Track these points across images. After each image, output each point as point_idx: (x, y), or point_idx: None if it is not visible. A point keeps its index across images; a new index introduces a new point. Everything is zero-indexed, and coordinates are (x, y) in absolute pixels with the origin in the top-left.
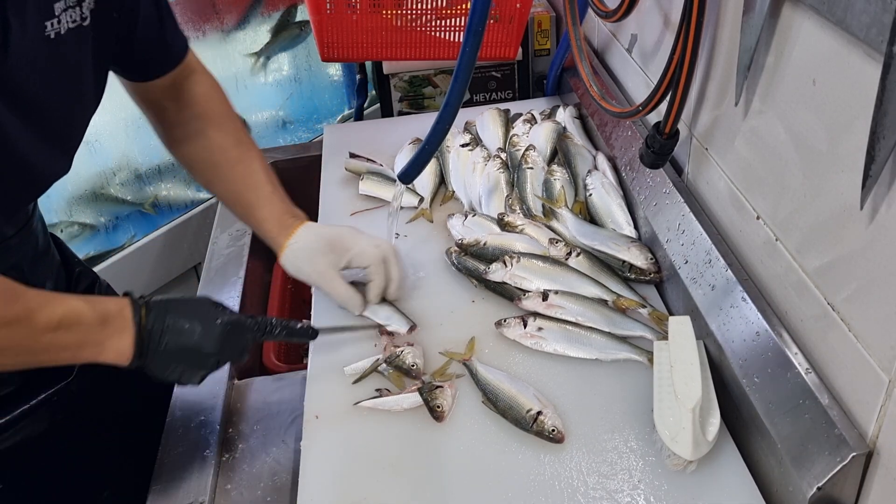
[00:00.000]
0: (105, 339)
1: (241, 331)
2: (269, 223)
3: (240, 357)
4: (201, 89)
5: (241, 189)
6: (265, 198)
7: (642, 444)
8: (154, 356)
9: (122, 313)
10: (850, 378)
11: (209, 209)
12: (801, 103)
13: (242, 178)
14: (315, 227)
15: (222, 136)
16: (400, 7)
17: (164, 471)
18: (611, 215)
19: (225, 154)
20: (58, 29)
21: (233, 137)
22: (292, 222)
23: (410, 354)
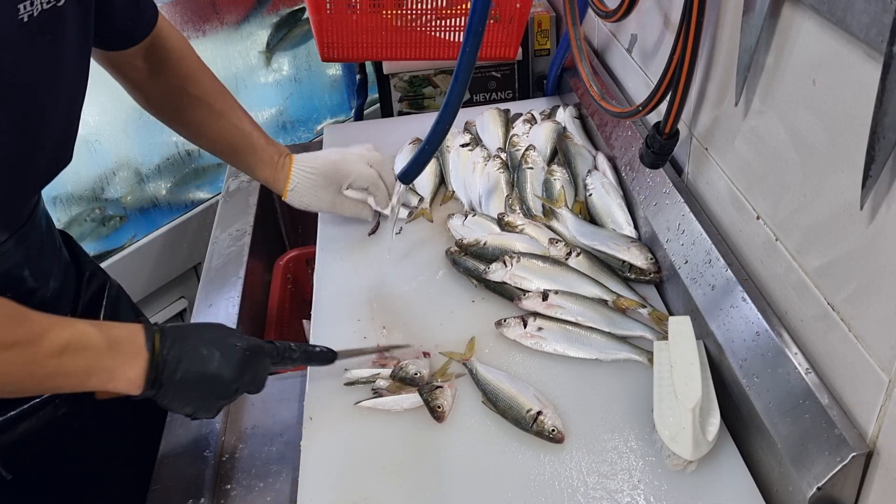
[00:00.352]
0: (116, 367)
1: (260, 356)
2: (262, 168)
3: (257, 386)
4: (174, 45)
5: (230, 139)
6: (255, 143)
7: (642, 444)
8: (169, 385)
9: (134, 338)
10: (850, 378)
11: (209, 209)
12: (801, 103)
13: (229, 130)
14: (306, 162)
15: (201, 91)
16: (400, 7)
17: (164, 471)
18: (611, 215)
19: (208, 108)
20: (31, 11)
21: (211, 91)
22: (282, 162)
23: (413, 366)
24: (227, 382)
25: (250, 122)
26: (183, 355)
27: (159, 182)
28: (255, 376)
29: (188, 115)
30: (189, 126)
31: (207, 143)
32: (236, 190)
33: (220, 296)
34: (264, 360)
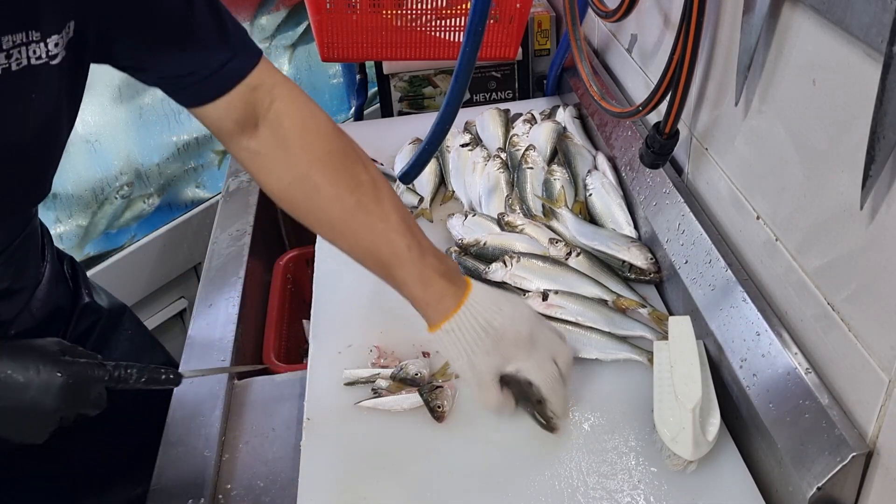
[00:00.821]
0: None
1: (86, 384)
2: (412, 286)
3: (95, 408)
4: (291, 119)
5: (370, 246)
6: (401, 254)
7: (642, 444)
8: None
9: None
10: (850, 378)
11: (209, 209)
12: (801, 103)
13: (368, 231)
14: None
15: (332, 182)
16: (400, 7)
17: (164, 471)
18: (611, 215)
19: (340, 204)
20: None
21: (346, 180)
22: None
23: (413, 366)
24: (48, 413)
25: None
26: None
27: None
28: (85, 402)
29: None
30: (317, 226)
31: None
32: (236, 190)
33: (220, 296)
34: (93, 387)
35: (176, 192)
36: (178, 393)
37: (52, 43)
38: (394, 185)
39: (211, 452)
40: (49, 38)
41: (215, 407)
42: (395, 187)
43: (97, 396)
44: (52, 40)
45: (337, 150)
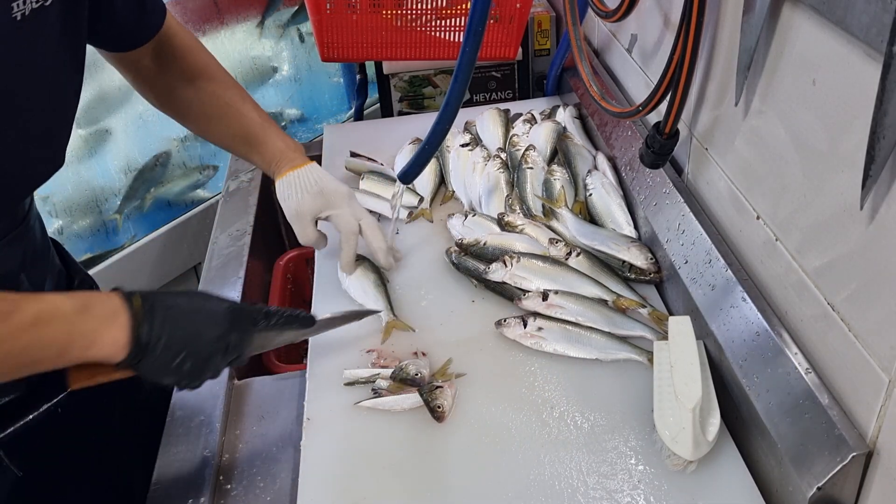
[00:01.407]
0: (93, 330)
1: (243, 313)
2: (273, 151)
3: (243, 348)
4: (179, 42)
5: (245, 126)
6: (272, 132)
7: (642, 444)
8: (157, 343)
9: (110, 300)
10: (850, 378)
11: (209, 209)
12: (801, 103)
13: (243, 117)
14: (318, 172)
15: (213, 85)
16: (400, 7)
17: (164, 471)
18: (611, 215)
19: (216, 100)
20: (23, 10)
21: (221, 83)
22: (296, 157)
23: (413, 366)
24: (217, 337)
25: (263, 113)
26: (168, 310)
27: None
28: (241, 334)
29: (197, 109)
30: (198, 120)
31: (219, 132)
32: (236, 190)
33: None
34: (248, 318)
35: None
36: (179, 393)
37: None
38: (394, 185)
39: (211, 452)
40: None
41: (215, 407)
42: (395, 187)
43: (249, 333)
44: None
45: (212, 61)
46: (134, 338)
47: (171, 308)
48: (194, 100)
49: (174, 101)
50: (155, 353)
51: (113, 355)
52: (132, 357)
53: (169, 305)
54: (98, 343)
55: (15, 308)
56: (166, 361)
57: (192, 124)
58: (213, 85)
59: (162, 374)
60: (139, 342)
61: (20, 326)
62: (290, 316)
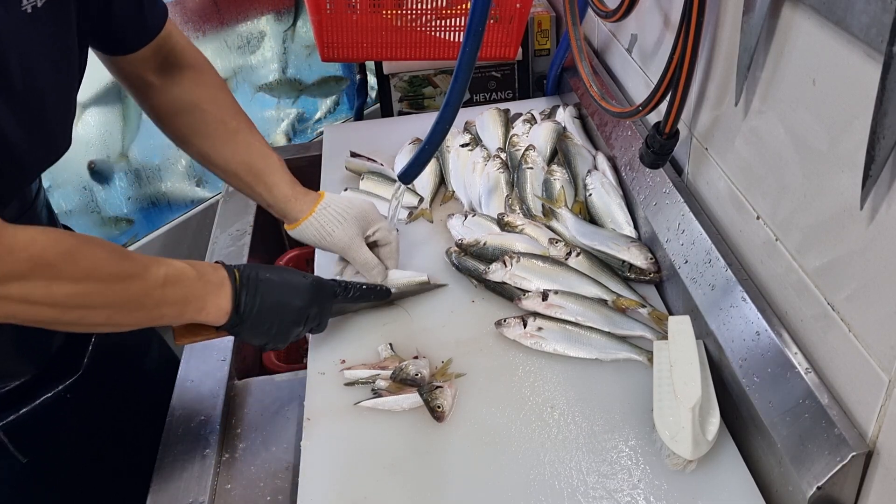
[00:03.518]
0: (206, 295)
1: (324, 288)
2: (280, 188)
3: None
4: (188, 61)
5: (246, 159)
6: (273, 165)
7: (642, 444)
8: (250, 312)
9: (218, 272)
10: (850, 378)
11: (209, 209)
12: (801, 103)
13: (246, 148)
14: (342, 196)
15: (217, 110)
16: (400, 7)
17: (164, 471)
18: (611, 215)
19: (223, 126)
20: (34, 2)
21: (229, 110)
22: (305, 192)
23: (413, 366)
24: (300, 308)
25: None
26: (260, 283)
27: (159, 182)
28: (321, 307)
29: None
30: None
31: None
32: (236, 190)
33: None
34: (328, 291)
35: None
36: (179, 393)
37: None
38: (394, 185)
39: (211, 452)
40: None
41: (215, 407)
42: (395, 187)
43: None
44: None
45: (221, 87)
46: (234, 306)
47: (263, 281)
48: (196, 122)
49: (174, 122)
50: (249, 319)
51: (217, 319)
52: (231, 322)
53: (261, 279)
54: (207, 308)
55: (147, 267)
56: (257, 326)
57: (193, 149)
58: (217, 108)
59: (253, 336)
60: (238, 311)
61: (154, 284)
62: (366, 289)
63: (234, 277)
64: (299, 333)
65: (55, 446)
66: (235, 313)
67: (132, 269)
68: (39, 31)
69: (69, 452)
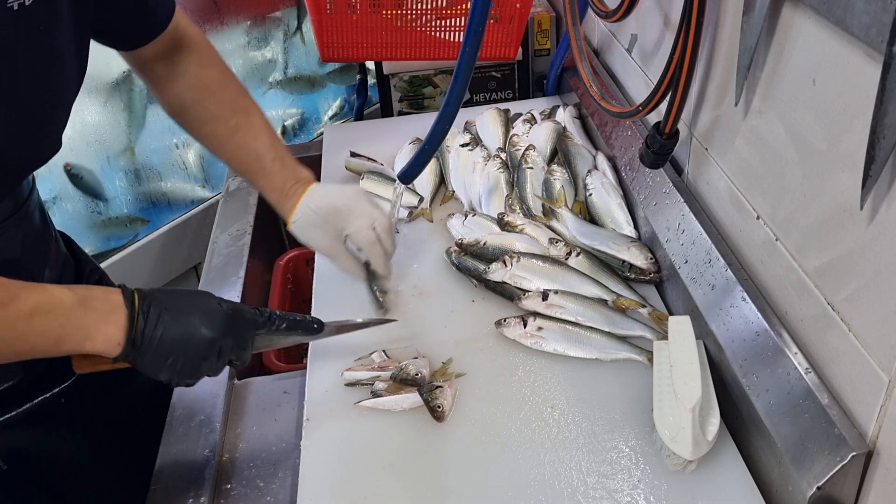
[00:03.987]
0: (90, 325)
1: (242, 318)
2: (273, 194)
3: (241, 353)
4: (193, 55)
5: (243, 160)
6: (266, 167)
7: (642, 444)
8: (149, 344)
9: (109, 297)
10: (850, 378)
11: (209, 209)
12: (801, 103)
13: (243, 149)
14: (313, 199)
15: (218, 106)
16: (400, 7)
17: (164, 471)
18: (611, 215)
19: (224, 125)
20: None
21: (229, 105)
22: (295, 190)
23: (413, 366)
24: (210, 340)
25: (268, 142)
26: (163, 311)
27: (159, 182)
28: (238, 339)
29: (205, 128)
30: (207, 139)
31: (224, 159)
32: (236, 190)
33: (221, 296)
34: (247, 322)
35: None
36: (179, 393)
37: None
38: (394, 185)
39: (211, 452)
40: None
41: (215, 407)
42: (395, 187)
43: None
44: None
45: (226, 81)
46: (128, 336)
47: (167, 309)
48: (201, 118)
49: (183, 116)
50: (148, 352)
51: (108, 351)
52: (125, 354)
53: (166, 306)
54: (93, 338)
55: (14, 296)
56: (159, 360)
57: (202, 141)
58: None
59: (156, 371)
60: (132, 341)
61: (18, 315)
62: (294, 321)
63: (131, 304)
64: (212, 367)
65: (51, 449)
66: (131, 345)
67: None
68: (26, 30)
69: (67, 454)
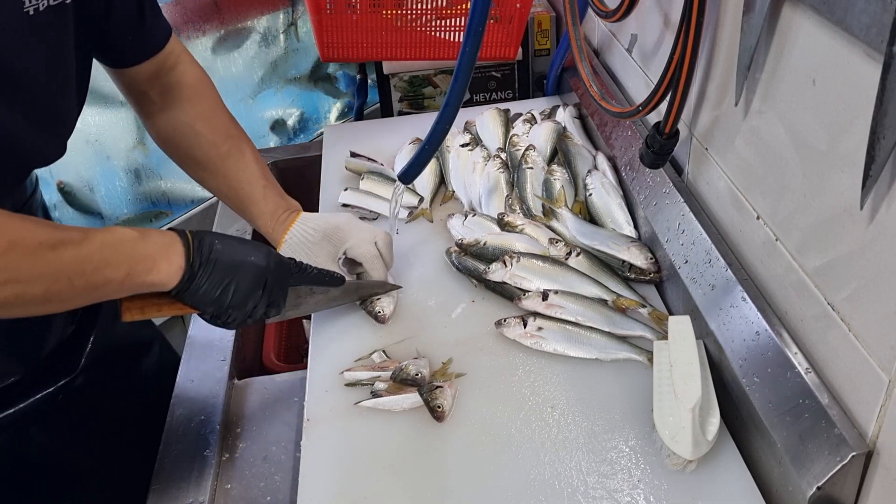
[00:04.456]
0: (155, 253)
1: (281, 259)
2: (263, 219)
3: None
4: (187, 80)
5: (234, 185)
6: (258, 194)
7: (642, 444)
8: (206, 268)
9: (164, 233)
10: (850, 378)
11: (209, 209)
12: (801, 103)
13: (234, 175)
14: (310, 220)
15: (211, 132)
16: (400, 7)
17: (164, 471)
18: (611, 215)
19: (215, 150)
20: (36, 5)
21: (222, 132)
22: (286, 216)
23: (413, 366)
24: (261, 268)
25: (259, 171)
26: (215, 241)
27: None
28: (279, 279)
29: (196, 154)
30: (196, 166)
31: (213, 186)
32: None
33: None
34: (285, 265)
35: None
36: (179, 392)
37: None
38: (394, 185)
39: (211, 452)
40: None
41: (215, 407)
42: (395, 187)
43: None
44: None
45: (218, 108)
46: (187, 263)
47: (219, 240)
48: (191, 145)
49: (170, 142)
50: (205, 276)
51: (169, 279)
52: (185, 281)
53: (217, 239)
54: (158, 267)
55: (85, 236)
56: (214, 284)
57: (189, 170)
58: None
59: (208, 299)
60: (192, 267)
61: (91, 249)
62: (320, 272)
63: (184, 236)
64: (256, 309)
65: (49, 447)
66: (189, 270)
67: (64, 237)
68: (40, 35)
69: (67, 454)
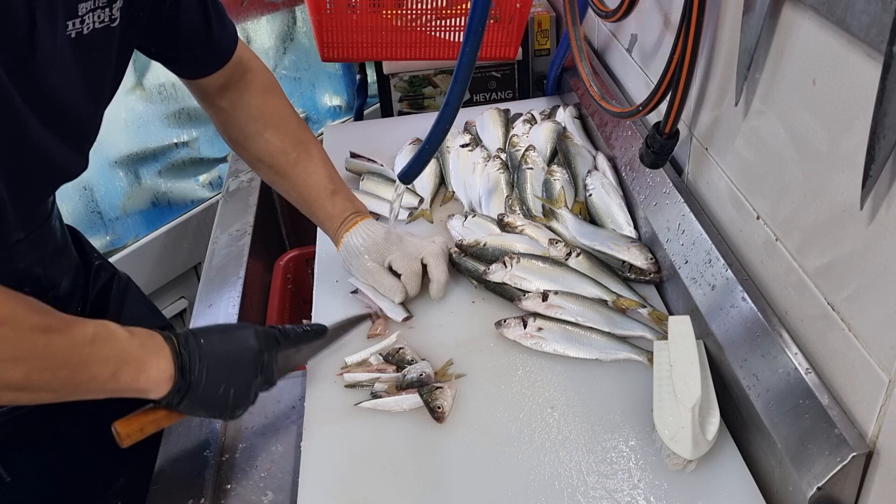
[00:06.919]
0: (144, 357)
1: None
2: (329, 222)
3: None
4: (256, 88)
5: (302, 191)
6: (325, 198)
7: (642, 444)
8: (200, 371)
9: (152, 335)
10: (850, 378)
11: (209, 209)
12: (801, 103)
13: (303, 180)
14: (367, 227)
15: (280, 138)
16: (400, 7)
17: (164, 471)
18: (611, 215)
19: (285, 156)
20: (80, 29)
21: (291, 138)
22: (351, 219)
23: (414, 371)
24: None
25: (327, 175)
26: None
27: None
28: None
29: (266, 160)
30: (267, 171)
31: (283, 190)
32: (236, 190)
33: (220, 296)
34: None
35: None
36: None
37: (116, 7)
38: (394, 185)
39: (211, 452)
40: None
41: None
42: (396, 188)
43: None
44: (116, 5)
45: (287, 114)
46: (178, 368)
47: (205, 336)
48: (261, 151)
49: (242, 148)
50: (200, 382)
51: (160, 385)
52: (178, 387)
53: (202, 337)
54: (147, 370)
55: (73, 322)
56: (211, 387)
57: (262, 171)
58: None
59: (210, 400)
60: (182, 372)
61: (83, 339)
62: (303, 331)
63: (171, 341)
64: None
65: (50, 449)
66: (181, 376)
67: (55, 324)
68: (79, 58)
69: (67, 454)
